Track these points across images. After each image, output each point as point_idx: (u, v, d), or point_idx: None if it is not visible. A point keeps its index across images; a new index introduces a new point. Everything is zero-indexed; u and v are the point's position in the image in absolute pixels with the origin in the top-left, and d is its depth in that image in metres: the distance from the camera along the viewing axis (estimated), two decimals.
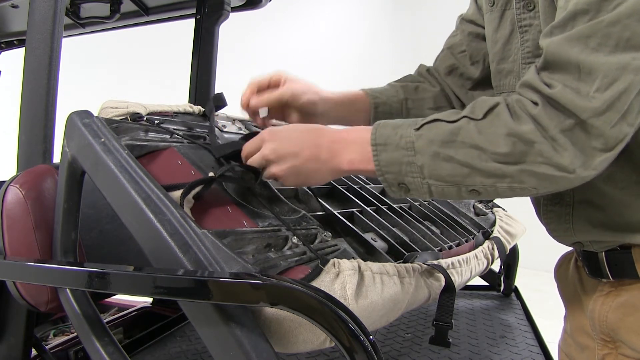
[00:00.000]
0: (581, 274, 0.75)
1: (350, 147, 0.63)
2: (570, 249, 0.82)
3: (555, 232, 0.71)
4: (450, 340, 0.70)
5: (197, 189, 0.62)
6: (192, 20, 1.44)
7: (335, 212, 0.80)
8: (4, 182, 0.74)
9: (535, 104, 0.53)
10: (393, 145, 0.59)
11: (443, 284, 0.73)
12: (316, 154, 0.64)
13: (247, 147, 0.70)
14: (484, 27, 0.84)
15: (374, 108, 0.87)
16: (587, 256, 0.70)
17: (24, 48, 0.83)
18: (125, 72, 3.21)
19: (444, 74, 0.93)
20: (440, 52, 0.95)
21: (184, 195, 0.60)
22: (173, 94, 1.54)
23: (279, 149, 0.66)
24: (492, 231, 1.08)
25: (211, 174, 0.66)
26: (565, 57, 0.51)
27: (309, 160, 0.65)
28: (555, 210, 0.70)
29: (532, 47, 0.66)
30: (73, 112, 0.67)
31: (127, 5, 1.40)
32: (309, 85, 0.84)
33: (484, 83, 0.91)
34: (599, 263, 0.68)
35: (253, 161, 0.69)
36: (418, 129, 0.58)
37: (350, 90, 0.89)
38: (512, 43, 0.70)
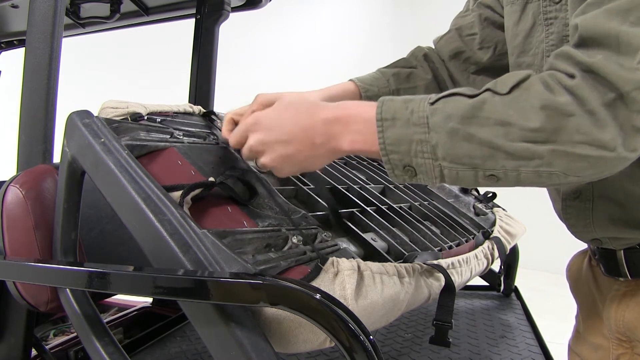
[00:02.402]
0: (595, 273, 0.75)
1: (351, 126, 0.56)
2: (574, 248, 0.82)
3: (575, 227, 0.71)
4: (450, 340, 0.70)
5: (196, 192, 0.62)
6: (192, 20, 1.44)
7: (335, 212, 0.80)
8: (4, 182, 0.74)
9: (572, 76, 0.48)
10: (402, 120, 0.52)
11: (443, 283, 0.73)
12: (310, 138, 0.58)
13: (232, 138, 0.65)
14: (501, 15, 0.83)
15: (365, 100, 0.87)
16: (605, 254, 0.70)
17: (24, 48, 0.82)
18: (125, 72, 3.21)
19: (448, 57, 0.91)
20: (447, 32, 0.92)
21: (183, 196, 0.60)
22: (173, 94, 1.54)
23: (266, 138, 0.60)
24: (492, 231, 1.08)
25: (211, 178, 0.66)
26: (603, 30, 0.47)
27: (302, 146, 0.58)
28: (575, 205, 0.69)
29: (557, 40, 0.65)
30: (73, 112, 0.67)
31: (127, 5, 1.40)
32: (295, 93, 0.81)
33: (489, 69, 0.89)
34: (617, 261, 0.67)
35: (243, 155, 0.64)
36: (433, 102, 0.52)
37: (338, 86, 0.85)
38: (533, 36, 0.69)
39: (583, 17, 0.49)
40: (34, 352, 0.97)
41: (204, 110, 0.94)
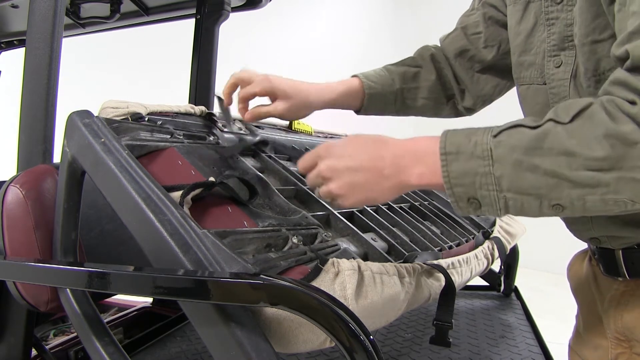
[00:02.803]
0: (595, 273, 0.75)
1: (420, 160, 0.57)
2: (574, 248, 0.82)
3: (574, 226, 0.71)
4: (450, 340, 0.70)
5: (197, 192, 0.62)
6: (192, 20, 1.44)
7: (335, 212, 0.80)
8: (4, 182, 0.74)
9: (633, 103, 0.47)
10: (467, 153, 0.52)
11: (443, 283, 0.73)
12: (379, 169, 0.58)
13: (302, 163, 0.66)
14: (505, 14, 0.84)
15: (367, 99, 0.87)
16: (604, 254, 0.70)
17: (24, 48, 0.82)
18: (125, 72, 3.21)
19: (453, 55, 0.91)
20: (453, 31, 0.93)
21: (183, 196, 0.60)
22: (173, 94, 1.54)
23: (336, 164, 0.60)
24: (492, 231, 1.08)
25: (211, 178, 0.66)
26: None
27: (370, 175, 0.59)
28: None
29: (558, 40, 0.65)
30: (73, 112, 0.67)
31: (127, 5, 1.40)
32: (300, 97, 0.81)
33: (493, 68, 0.90)
34: (615, 261, 0.67)
35: (308, 180, 0.64)
36: (496, 135, 0.52)
37: (342, 83, 0.86)
38: (534, 36, 0.70)
39: (632, 44, 0.49)
40: (34, 352, 0.97)
41: (207, 111, 0.94)
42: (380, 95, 0.88)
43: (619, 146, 0.47)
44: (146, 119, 0.77)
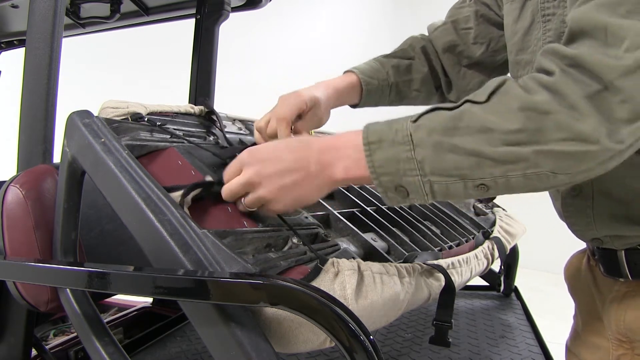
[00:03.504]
0: (595, 274, 0.75)
1: (342, 153, 0.57)
2: (574, 248, 0.82)
3: (576, 226, 0.70)
4: (450, 340, 0.70)
5: (196, 192, 0.62)
6: (192, 20, 1.44)
7: (335, 212, 0.81)
8: (4, 182, 0.74)
9: (551, 73, 0.48)
10: (388, 141, 0.53)
11: (443, 283, 0.73)
12: (305, 168, 0.58)
13: (228, 172, 0.64)
14: (496, 13, 0.84)
15: (365, 94, 0.87)
16: (605, 254, 0.69)
17: (24, 48, 0.82)
18: (125, 72, 3.21)
19: (441, 49, 0.92)
20: (442, 23, 0.93)
21: (183, 196, 0.60)
22: (173, 94, 1.54)
23: (263, 170, 0.59)
24: (492, 231, 1.08)
25: (209, 178, 0.66)
26: (591, 22, 0.47)
27: (298, 176, 0.58)
28: (575, 203, 0.68)
29: (554, 36, 0.65)
30: (73, 112, 0.67)
31: (127, 5, 1.40)
32: (319, 112, 0.81)
33: (480, 65, 0.91)
34: (617, 262, 0.67)
35: (235, 188, 0.62)
36: (415, 120, 0.52)
37: (342, 80, 0.86)
38: (531, 34, 0.69)
39: (573, 11, 0.50)
40: (34, 352, 0.97)
41: (207, 111, 0.94)
42: (377, 90, 0.88)
43: (534, 117, 0.46)
44: (146, 119, 0.77)
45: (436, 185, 0.52)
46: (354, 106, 0.92)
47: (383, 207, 0.93)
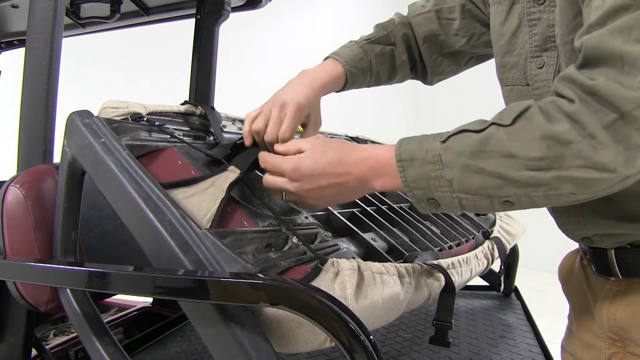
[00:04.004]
0: (587, 273, 0.75)
1: (380, 171, 0.62)
2: (573, 248, 0.82)
3: (566, 225, 0.71)
4: (450, 340, 0.70)
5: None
6: (192, 20, 1.44)
7: (335, 212, 0.81)
8: (4, 182, 0.74)
9: (572, 101, 0.49)
10: (419, 160, 0.57)
11: (443, 283, 0.73)
12: (345, 184, 0.64)
13: (268, 182, 0.68)
14: (482, 11, 0.84)
15: (350, 83, 0.87)
16: (595, 254, 0.70)
17: (24, 48, 0.82)
18: (125, 72, 3.21)
19: (421, 37, 0.91)
20: (426, 10, 0.91)
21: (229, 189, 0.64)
22: (173, 94, 1.54)
23: (305, 185, 0.65)
24: (492, 231, 1.08)
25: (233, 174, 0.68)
26: (607, 49, 0.48)
27: (338, 189, 0.65)
28: None
29: (540, 41, 0.65)
30: (73, 112, 0.67)
31: (127, 5, 1.40)
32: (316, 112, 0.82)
33: (457, 55, 0.92)
34: (607, 261, 0.67)
35: (278, 189, 0.68)
36: (444, 141, 0.56)
37: (328, 74, 0.84)
38: (518, 37, 0.69)
39: (587, 36, 0.51)
40: (34, 352, 0.97)
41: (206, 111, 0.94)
42: (358, 77, 0.88)
43: (555, 146, 0.49)
44: (146, 119, 0.77)
45: (464, 201, 0.56)
46: (335, 91, 0.91)
47: (383, 207, 0.93)
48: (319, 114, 0.82)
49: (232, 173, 0.68)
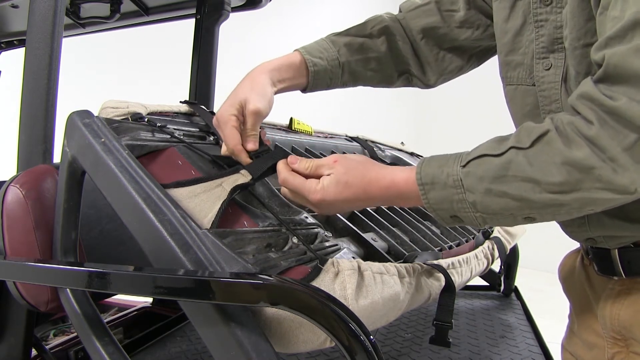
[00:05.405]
0: (589, 273, 0.75)
1: (405, 195, 0.63)
2: (574, 248, 0.82)
3: (569, 227, 0.70)
4: (450, 340, 0.70)
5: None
6: (192, 20, 1.44)
7: None
8: (4, 182, 0.74)
9: (590, 123, 0.49)
10: (440, 184, 0.58)
11: (443, 283, 0.73)
12: (371, 203, 0.66)
13: (289, 198, 0.69)
14: (487, 3, 0.82)
15: (313, 76, 0.81)
16: (598, 254, 0.69)
17: (24, 48, 0.82)
18: (125, 72, 3.22)
19: (419, 31, 0.87)
20: (424, 3, 0.88)
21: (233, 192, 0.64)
22: (173, 94, 1.54)
23: (329, 211, 0.67)
24: (492, 231, 1.08)
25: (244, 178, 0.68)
26: (632, 69, 0.47)
27: (362, 205, 0.67)
28: None
29: (547, 42, 0.65)
30: (73, 112, 0.67)
31: (127, 5, 1.40)
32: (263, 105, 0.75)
33: (461, 49, 0.88)
34: (611, 261, 0.67)
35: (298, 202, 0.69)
36: (464, 165, 0.57)
37: (283, 59, 0.80)
38: (523, 35, 0.68)
39: (610, 51, 0.49)
40: (34, 352, 0.97)
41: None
42: (326, 71, 0.82)
43: (575, 172, 0.50)
44: (146, 119, 0.77)
45: (488, 219, 0.58)
46: (303, 90, 0.85)
47: (383, 207, 0.93)
48: (268, 99, 0.75)
49: (242, 177, 0.68)
